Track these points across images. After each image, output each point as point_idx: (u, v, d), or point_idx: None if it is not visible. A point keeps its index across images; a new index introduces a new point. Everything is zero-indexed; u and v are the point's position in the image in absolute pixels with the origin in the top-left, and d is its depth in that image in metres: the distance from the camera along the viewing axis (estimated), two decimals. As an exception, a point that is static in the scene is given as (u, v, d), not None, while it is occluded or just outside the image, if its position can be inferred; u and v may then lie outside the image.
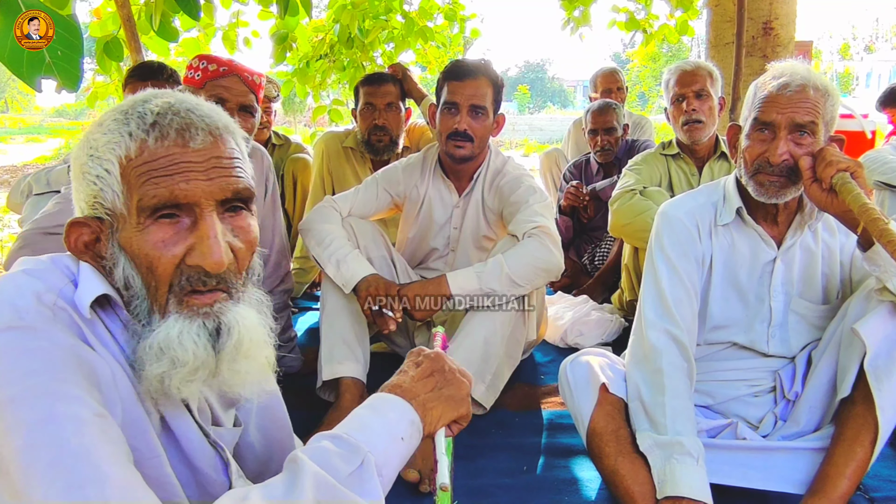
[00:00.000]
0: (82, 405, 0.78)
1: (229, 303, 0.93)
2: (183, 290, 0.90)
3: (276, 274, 2.48)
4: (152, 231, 0.88)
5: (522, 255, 2.10)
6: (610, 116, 3.59)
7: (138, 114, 0.90)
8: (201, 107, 0.94)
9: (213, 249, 0.88)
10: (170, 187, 0.87)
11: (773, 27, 4.61)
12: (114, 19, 3.47)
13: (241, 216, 0.95)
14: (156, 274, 0.89)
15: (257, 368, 0.96)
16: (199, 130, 0.90)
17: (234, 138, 0.96)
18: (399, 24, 4.78)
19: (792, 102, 1.56)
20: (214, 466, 1.01)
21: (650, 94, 31.39)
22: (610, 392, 1.68)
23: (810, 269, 1.71)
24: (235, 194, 0.92)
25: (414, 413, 0.98)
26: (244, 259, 0.95)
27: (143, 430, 0.89)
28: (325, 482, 0.81)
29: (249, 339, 0.93)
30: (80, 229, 0.93)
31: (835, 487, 1.47)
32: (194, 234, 0.89)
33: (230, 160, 0.93)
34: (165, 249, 0.88)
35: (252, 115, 2.15)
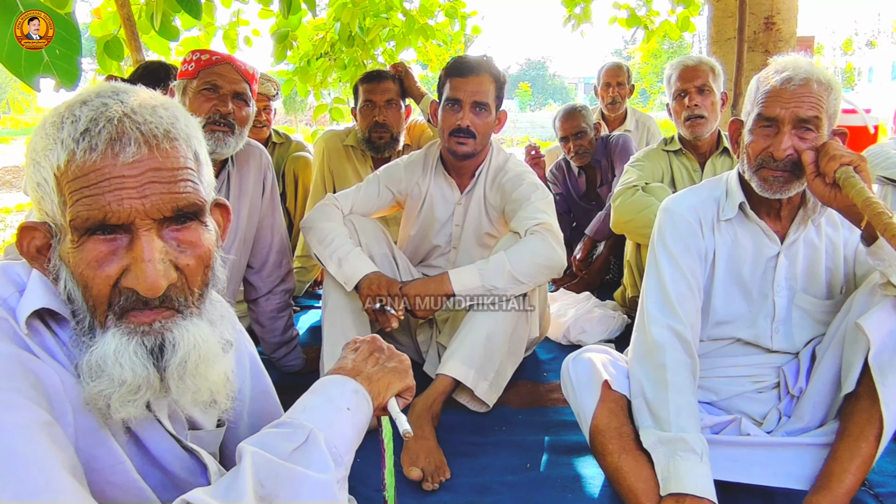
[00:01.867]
0: (29, 413, 0.75)
1: (176, 318, 0.87)
2: (123, 308, 0.84)
3: (276, 273, 2.47)
4: (86, 249, 0.82)
5: (525, 252, 2.10)
6: (577, 121, 3.57)
7: (72, 118, 0.82)
8: (143, 110, 0.83)
9: (148, 273, 0.81)
10: (101, 208, 0.80)
11: (774, 22, 4.60)
12: (114, 19, 3.47)
13: (190, 229, 0.87)
14: (92, 293, 0.83)
15: (210, 385, 0.91)
16: (132, 141, 0.81)
17: (182, 143, 0.86)
18: (400, 21, 4.78)
19: (795, 97, 1.55)
20: (191, 470, 0.98)
21: (651, 91, 31.33)
22: (613, 389, 1.67)
23: (814, 264, 1.70)
24: (177, 211, 0.84)
25: (356, 383, 1.00)
26: (194, 274, 0.88)
27: (102, 439, 0.86)
28: (264, 459, 0.82)
29: (198, 355, 0.87)
30: (31, 233, 0.87)
31: (839, 483, 1.46)
32: (129, 254, 0.82)
33: (172, 172, 0.83)
34: (99, 269, 0.82)
35: (246, 103, 2.15)
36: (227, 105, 2.08)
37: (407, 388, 1.10)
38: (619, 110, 4.35)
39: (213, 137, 2.06)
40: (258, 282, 2.46)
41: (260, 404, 1.20)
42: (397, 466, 1.84)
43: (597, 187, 3.71)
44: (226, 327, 0.96)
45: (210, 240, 0.90)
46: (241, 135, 2.15)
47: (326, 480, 0.84)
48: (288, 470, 0.82)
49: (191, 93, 2.08)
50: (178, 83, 2.13)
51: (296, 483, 0.82)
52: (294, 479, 0.82)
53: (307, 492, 0.82)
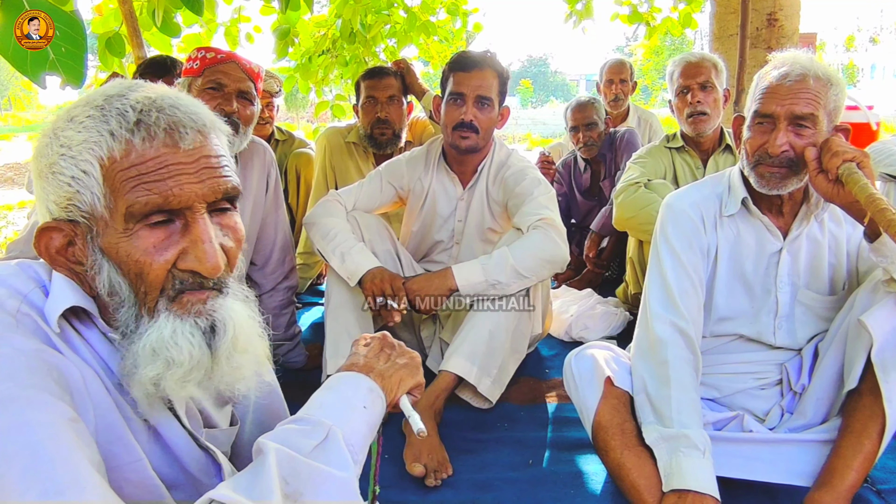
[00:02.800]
0: (54, 410, 0.75)
1: (219, 298, 0.90)
2: (176, 292, 0.87)
3: (279, 270, 2.48)
4: (142, 236, 0.84)
5: (528, 247, 2.10)
6: (589, 112, 3.57)
7: (118, 110, 0.84)
8: (183, 102, 0.88)
9: (209, 254, 0.85)
10: (163, 193, 0.83)
11: (777, 18, 4.59)
12: (116, 15, 3.46)
13: (229, 215, 0.92)
14: (146, 280, 0.85)
15: (253, 361, 0.94)
16: (189, 129, 0.85)
17: (219, 135, 0.92)
18: (401, 18, 4.77)
19: (792, 93, 1.55)
20: (206, 470, 0.99)
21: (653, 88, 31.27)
22: (615, 385, 1.67)
23: (817, 260, 1.70)
24: (225, 194, 0.89)
25: (370, 381, 1.01)
26: (234, 257, 0.93)
27: (120, 435, 0.87)
28: (289, 457, 0.82)
29: (244, 333, 0.91)
30: (50, 234, 0.87)
31: (842, 480, 1.47)
32: (186, 237, 0.86)
33: (218, 158, 0.89)
34: (157, 255, 0.84)
35: (251, 102, 2.15)
36: (231, 104, 2.08)
37: (417, 385, 1.11)
38: (622, 107, 4.35)
39: None
40: (261, 279, 2.46)
41: (266, 401, 1.21)
42: (400, 462, 1.84)
43: (600, 181, 3.72)
44: (255, 309, 0.98)
45: (242, 226, 0.95)
46: (246, 134, 2.15)
47: (347, 478, 0.85)
48: (311, 467, 0.83)
49: (195, 91, 2.08)
50: (182, 80, 2.13)
51: (319, 481, 0.82)
52: (317, 477, 0.82)
53: (329, 490, 0.82)
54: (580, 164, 3.78)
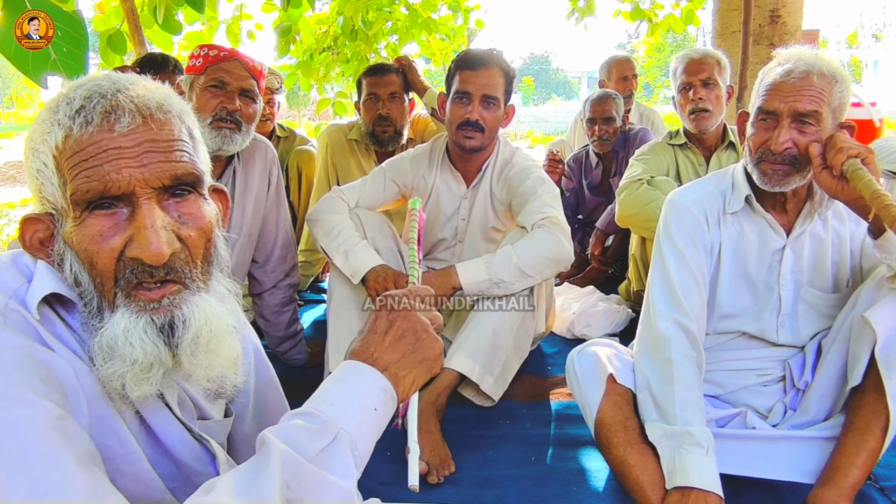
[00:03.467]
0: (40, 409, 0.75)
1: (185, 293, 0.87)
2: (129, 283, 0.85)
3: (281, 268, 2.48)
4: (89, 224, 0.84)
5: (532, 245, 2.09)
6: (609, 106, 3.56)
7: (67, 100, 0.84)
8: (134, 87, 0.86)
9: (151, 240, 0.82)
10: (101, 178, 0.82)
11: (780, 15, 4.58)
12: (117, 13, 3.46)
13: (189, 201, 0.89)
14: (97, 269, 0.84)
15: (221, 362, 0.91)
16: (126, 112, 0.83)
17: (175, 117, 0.88)
18: (403, 15, 4.77)
19: (795, 90, 1.54)
20: (200, 459, 0.98)
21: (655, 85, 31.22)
22: (618, 382, 1.67)
23: (820, 258, 1.70)
24: (175, 180, 0.86)
25: (386, 381, 0.93)
26: (196, 246, 0.89)
27: (114, 428, 0.87)
28: (293, 460, 0.79)
29: (209, 331, 0.88)
30: (34, 225, 0.89)
31: (845, 477, 1.46)
32: (132, 224, 0.84)
33: (168, 142, 0.86)
34: (103, 243, 0.83)
35: (253, 100, 2.14)
36: (234, 102, 2.07)
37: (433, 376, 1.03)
38: (629, 104, 4.34)
39: (219, 134, 2.06)
40: (263, 276, 2.46)
41: (264, 396, 1.20)
42: (402, 460, 1.84)
43: (610, 177, 3.71)
44: (234, 306, 0.96)
45: (210, 213, 0.92)
46: (248, 132, 2.15)
47: (349, 488, 0.83)
48: (314, 474, 0.80)
49: (198, 89, 2.08)
50: (185, 78, 2.13)
51: (321, 488, 0.80)
52: (320, 485, 0.80)
53: (330, 498, 0.81)
54: (592, 159, 3.78)
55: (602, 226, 3.46)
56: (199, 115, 2.06)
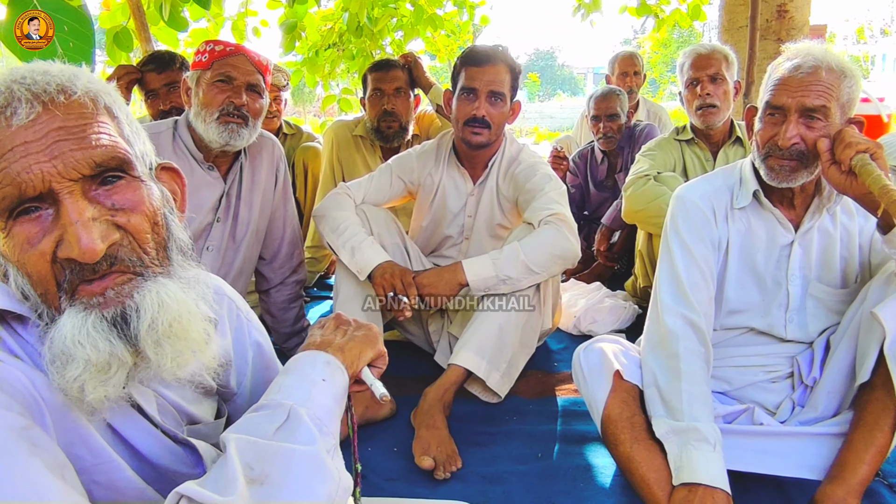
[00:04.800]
0: (4, 420, 0.71)
1: (136, 281, 0.81)
2: (72, 284, 0.78)
3: (288, 264, 2.48)
4: (16, 233, 0.77)
5: (538, 242, 2.09)
6: (613, 102, 3.55)
7: None
8: (32, 74, 0.78)
9: (80, 236, 0.75)
10: (13, 181, 0.74)
11: (787, 10, 4.56)
12: (123, 10, 3.47)
13: (121, 186, 0.81)
14: (34, 277, 0.78)
15: (190, 346, 0.85)
16: (22, 102, 0.75)
17: (84, 98, 0.80)
18: (408, 11, 4.76)
19: (803, 85, 1.53)
20: (185, 462, 0.96)
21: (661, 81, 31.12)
22: (624, 379, 1.67)
23: (828, 253, 1.69)
24: (97, 167, 0.78)
25: (326, 354, 0.99)
26: (140, 231, 0.82)
27: (83, 437, 0.82)
28: (250, 443, 0.80)
29: (168, 315, 0.81)
30: None
31: (854, 473, 1.45)
32: (59, 223, 0.76)
33: (80, 127, 0.77)
34: (31, 249, 0.77)
35: (260, 95, 2.14)
36: (240, 97, 2.07)
37: (379, 356, 1.10)
38: (634, 100, 4.33)
39: (227, 129, 2.06)
40: (270, 273, 2.47)
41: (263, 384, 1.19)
42: (409, 455, 1.85)
43: (616, 172, 3.70)
44: (203, 293, 0.90)
45: (151, 196, 0.84)
46: (255, 127, 2.15)
47: (314, 452, 0.82)
48: (273, 448, 0.81)
49: (204, 84, 2.08)
50: (191, 74, 2.13)
51: (284, 459, 0.80)
52: (282, 456, 0.80)
53: (297, 466, 0.80)
54: (597, 155, 3.77)
55: (608, 222, 3.45)
56: (205, 110, 2.06)
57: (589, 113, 3.67)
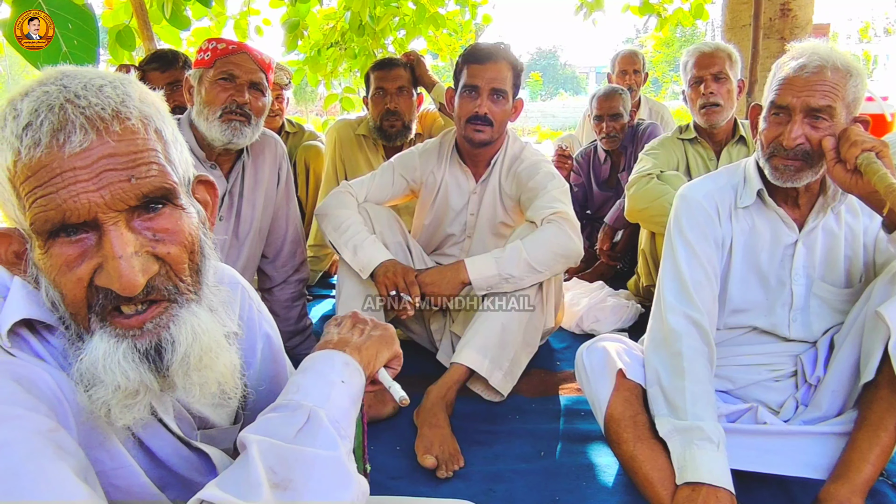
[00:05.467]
0: (28, 424, 0.70)
1: (172, 309, 0.81)
2: (105, 308, 0.78)
3: (291, 263, 2.48)
4: (53, 254, 0.76)
5: (541, 240, 2.09)
6: (615, 102, 3.54)
7: (14, 113, 0.74)
8: (86, 92, 0.75)
9: (122, 272, 0.74)
10: (57, 207, 0.73)
11: (790, 9, 4.55)
12: (125, 8, 3.47)
13: (163, 216, 0.80)
14: (68, 298, 0.77)
15: (216, 377, 0.86)
16: (76, 128, 0.73)
17: (137, 122, 0.78)
18: (410, 10, 4.76)
19: (808, 85, 1.53)
20: (199, 469, 0.96)
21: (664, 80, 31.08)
22: (627, 378, 1.66)
23: (833, 252, 1.68)
24: (143, 199, 0.77)
25: (344, 355, 0.99)
26: (178, 262, 0.81)
27: (102, 441, 0.83)
28: (272, 446, 0.79)
29: (200, 348, 0.82)
30: (6, 240, 0.81)
31: (858, 473, 1.45)
32: (100, 252, 0.75)
33: (130, 156, 0.75)
34: (70, 273, 0.76)
35: (262, 93, 2.14)
36: (243, 95, 2.07)
37: (395, 357, 1.10)
38: (635, 98, 4.32)
39: (229, 127, 2.06)
40: (272, 271, 2.47)
41: (272, 391, 1.18)
42: (412, 454, 1.84)
43: (619, 172, 3.70)
44: (230, 314, 0.91)
45: (190, 223, 0.83)
46: (258, 125, 2.15)
47: (336, 457, 0.82)
48: (297, 453, 0.80)
49: (207, 82, 2.08)
50: (193, 72, 2.13)
51: (307, 464, 0.80)
52: (305, 461, 0.80)
53: (320, 471, 0.80)
54: (600, 154, 3.76)
55: (611, 221, 3.45)
56: (208, 108, 2.06)
57: (591, 112, 3.67)
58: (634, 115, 3.70)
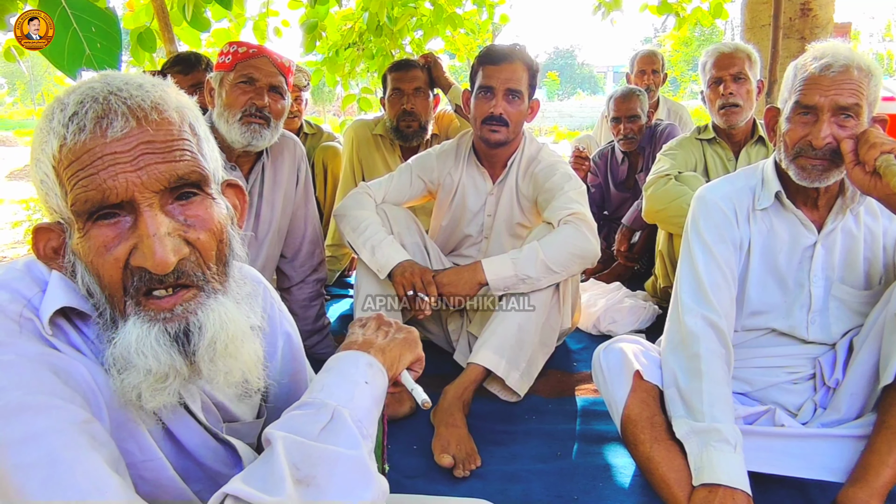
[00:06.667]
0: (65, 414, 0.74)
1: (200, 297, 0.85)
2: (139, 291, 0.82)
3: (309, 263, 2.50)
4: (92, 236, 0.81)
5: (558, 241, 2.09)
6: (633, 104, 3.52)
7: (61, 106, 0.81)
8: (128, 87, 0.82)
9: (155, 249, 0.79)
10: (98, 187, 0.78)
11: (811, 8, 4.50)
12: (147, 11, 3.51)
13: (195, 203, 0.85)
14: (104, 280, 0.82)
15: (241, 366, 0.89)
16: (119, 115, 0.79)
17: (173, 114, 0.84)
18: (428, 11, 4.77)
19: (835, 84, 1.52)
20: (225, 462, 0.99)
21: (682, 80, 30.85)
22: (644, 379, 1.67)
23: (852, 254, 1.67)
24: (177, 181, 0.82)
25: (369, 356, 1.00)
26: (207, 249, 0.85)
27: (133, 433, 0.86)
28: (296, 443, 0.81)
29: (226, 335, 0.86)
30: (46, 235, 0.86)
31: (877, 476, 1.44)
32: (136, 233, 0.80)
33: (166, 143, 0.82)
34: (107, 253, 0.80)
35: (282, 96, 2.17)
36: (263, 98, 2.10)
37: (417, 360, 1.11)
38: (653, 98, 4.30)
39: (249, 130, 2.09)
40: (291, 271, 2.49)
41: (293, 388, 1.20)
42: (429, 453, 1.85)
43: (636, 172, 3.68)
44: (254, 308, 0.94)
45: (220, 213, 0.88)
46: (277, 127, 2.17)
47: (359, 456, 0.84)
48: (320, 450, 0.82)
49: (227, 85, 2.11)
50: (214, 75, 2.16)
51: (330, 462, 0.81)
52: (328, 459, 0.81)
53: (342, 470, 0.81)
54: (618, 155, 3.75)
55: (628, 222, 3.44)
56: (228, 111, 2.09)
57: (609, 114, 3.65)
58: (652, 116, 3.68)
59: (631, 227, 3.44)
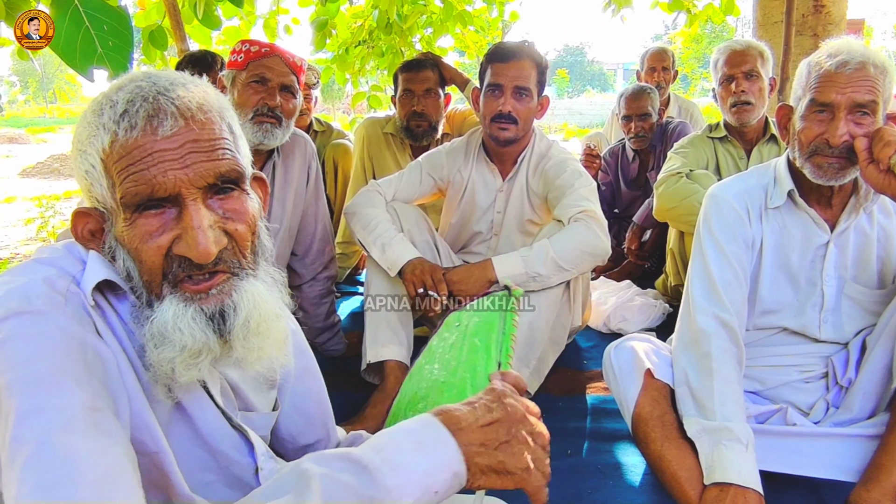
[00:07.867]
0: (76, 397, 0.75)
1: (234, 280, 0.90)
2: (177, 277, 0.87)
3: (319, 260, 2.51)
4: (139, 225, 0.86)
5: (569, 239, 2.09)
6: (644, 102, 3.51)
7: (110, 103, 0.86)
8: (175, 88, 0.88)
9: (199, 240, 0.85)
10: (148, 182, 0.84)
11: (823, 4, 4.47)
12: (158, 8, 3.53)
13: (233, 197, 0.91)
14: (146, 265, 0.87)
15: (271, 344, 0.94)
16: (168, 115, 0.85)
17: (216, 115, 0.90)
18: (437, 8, 4.77)
19: (852, 81, 1.51)
20: (238, 449, 1.01)
21: (693, 77, 30.71)
22: (655, 377, 1.66)
23: (865, 253, 1.66)
24: (219, 178, 0.88)
25: (461, 464, 0.82)
26: (244, 239, 0.92)
27: (148, 424, 0.88)
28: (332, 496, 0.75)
29: (259, 314, 0.91)
30: (84, 218, 0.92)
31: (889, 476, 1.43)
32: (180, 224, 0.86)
33: (210, 142, 0.87)
34: (151, 241, 0.86)
35: (293, 95, 2.17)
36: (274, 98, 2.10)
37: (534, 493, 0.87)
38: (663, 96, 4.29)
39: (260, 129, 2.10)
40: (302, 269, 2.50)
41: (302, 383, 1.20)
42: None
43: (647, 171, 3.67)
44: (280, 290, 0.98)
45: (254, 207, 0.95)
46: (288, 126, 2.18)
47: None
48: None
49: (239, 84, 2.12)
50: (226, 73, 2.16)
51: None
52: None
53: None
54: (628, 153, 3.74)
55: (639, 220, 3.43)
56: (240, 110, 2.10)
57: (620, 112, 3.64)
58: (664, 113, 3.67)
59: (642, 225, 3.43)
